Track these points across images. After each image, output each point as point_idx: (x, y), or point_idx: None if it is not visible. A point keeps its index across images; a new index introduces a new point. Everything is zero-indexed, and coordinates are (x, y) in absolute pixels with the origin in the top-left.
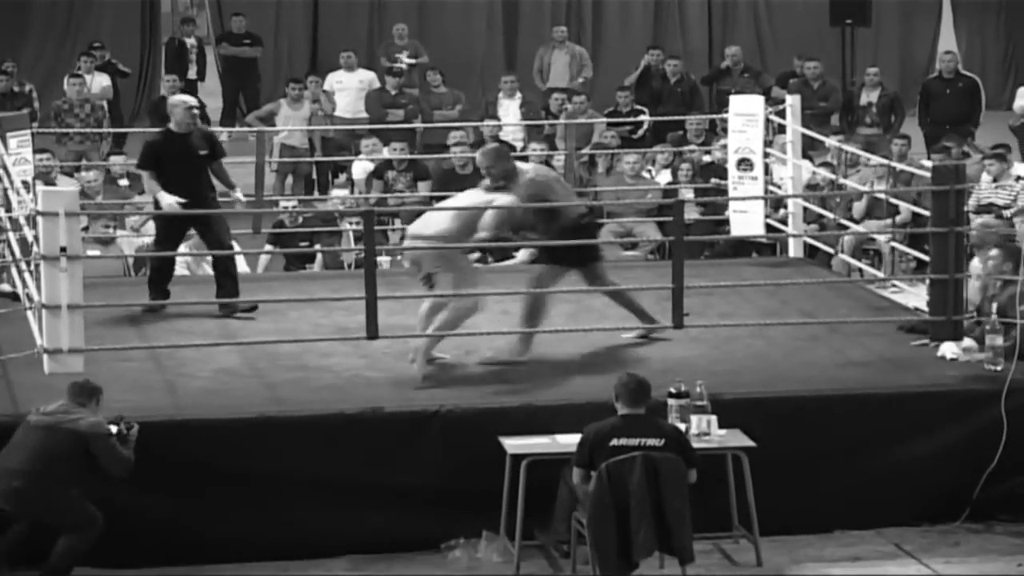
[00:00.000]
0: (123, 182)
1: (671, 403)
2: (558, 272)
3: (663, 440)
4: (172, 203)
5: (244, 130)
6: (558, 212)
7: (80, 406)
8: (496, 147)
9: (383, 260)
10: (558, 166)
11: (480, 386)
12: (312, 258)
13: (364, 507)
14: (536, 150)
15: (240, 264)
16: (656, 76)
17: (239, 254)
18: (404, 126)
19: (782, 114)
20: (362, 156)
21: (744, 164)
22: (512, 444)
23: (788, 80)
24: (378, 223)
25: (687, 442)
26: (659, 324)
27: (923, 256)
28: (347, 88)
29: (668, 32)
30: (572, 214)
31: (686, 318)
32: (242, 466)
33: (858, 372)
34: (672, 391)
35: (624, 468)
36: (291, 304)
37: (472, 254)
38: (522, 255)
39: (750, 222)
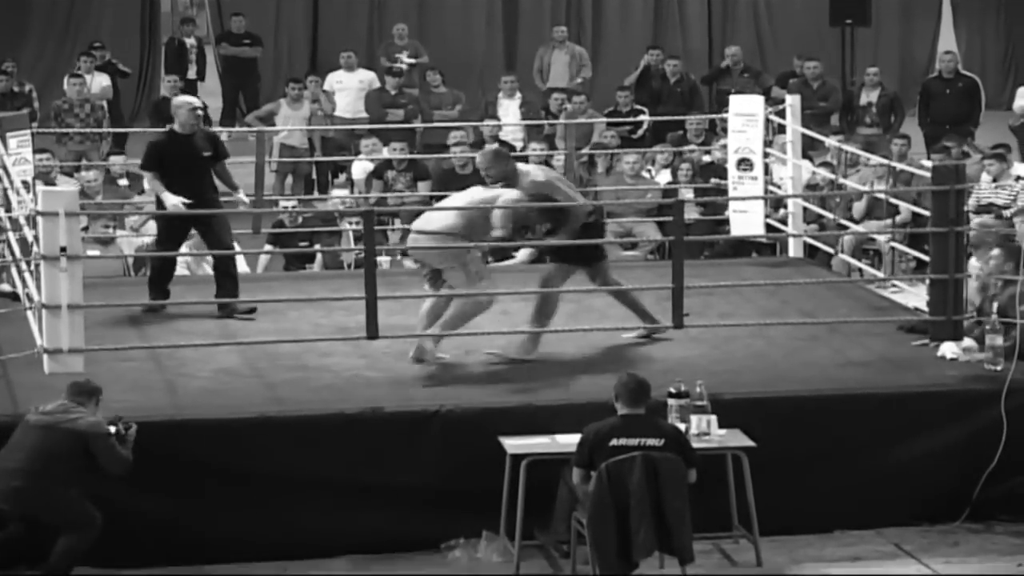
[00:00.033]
0: (123, 182)
1: (671, 403)
2: (566, 271)
3: (663, 440)
4: (177, 203)
5: (244, 130)
6: (567, 211)
7: (79, 405)
8: (495, 149)
9: (383, 260)
10: (558, 166)
11: (480, 386)
12: (312, 258)
13: (364, 507)
14: (536, 150)
15: (240, 264)
16: (656, 76)
17: (239, 254)
18: (404, 126)
19: (782, 114)
20: (362, 156)
21: (744, 164)
22: (512, 444)
23: (788, 80)
24: (378, 223)
25: (687, 442)
26: (661, 325)
27: (923, 256)
28: (347, 88)
29: (668, 32)
30: (580, 213)
31: (686, 318)
32: (242, 466)
33: (858, 372)
34: (672, 391)
35: (624, 468)
36: (291, 304)
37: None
38: (522, 255)
39: (750, 222)
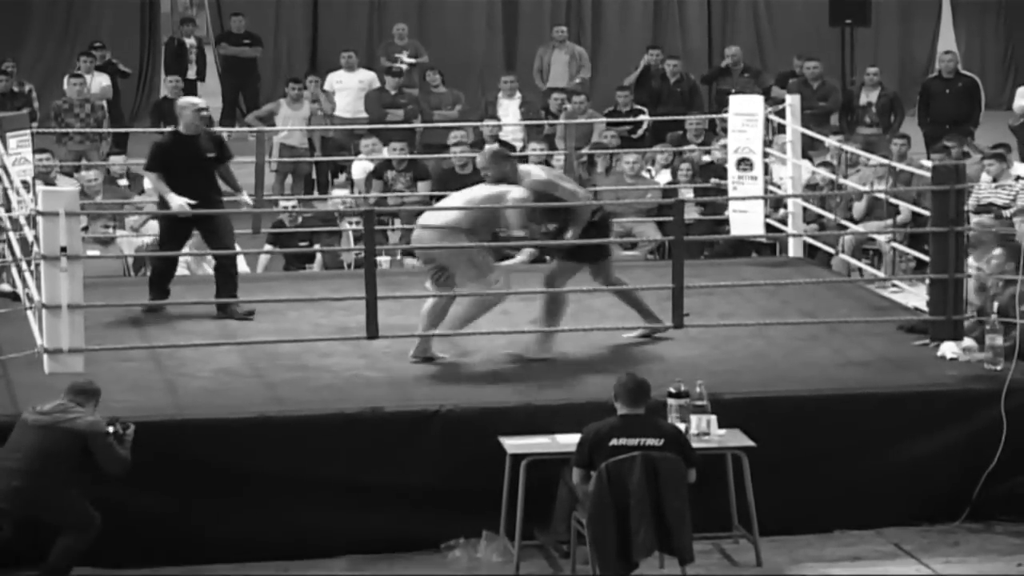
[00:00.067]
0: (123, 182)
1: (671, 403)
2: (571, 268)
3: (663, 440)
4: (182, 204)
5: (244, 130)
6: (573, 208)
7: (78, 406)
8: (494, 149)
9: (383, 260)
10: (558, 166)
11: (480, 386)
12: (312, 258)
13: (364, 507)
14: (536, 150)
15: (240, 264)
16: (656, 76)
17: (239, 254)
18: (404, 126)
19: (782, 114)
20: (362, 156)
21: (744, 164)
22: (512, 444)
23: (788, 80)
24: (378, 223)
25: (687, 442)
26: (663, 325)
27: (923, 256)
28: (347, 88)
29: (668, 32)
30: (585, 211)
31: (686, 318)
32: (242, 466)
33: (858, 372)
34: (672, 391)
35: (624, 468)
36: (291, 304)
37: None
38: (522, 254)
39: (750, 222)
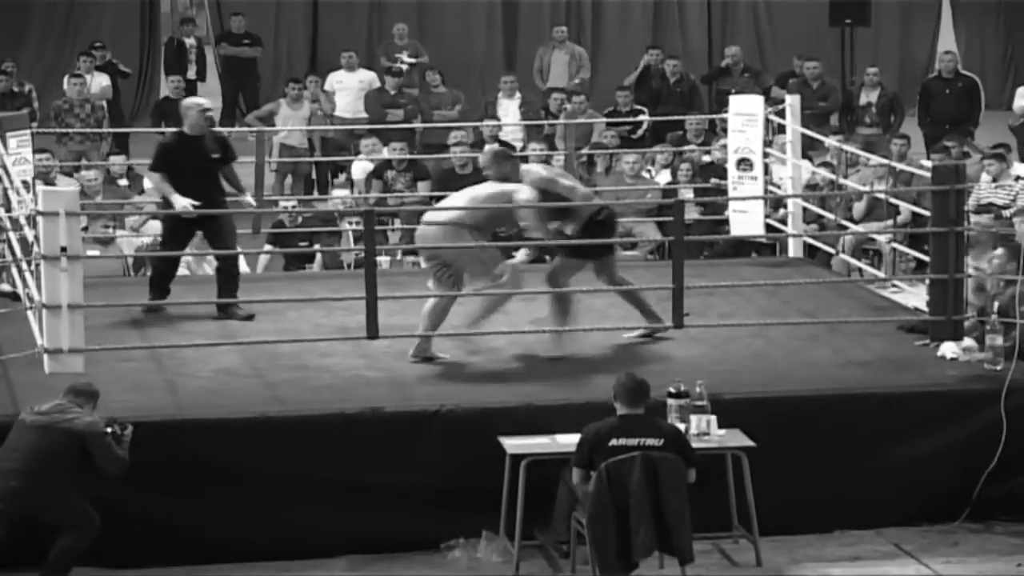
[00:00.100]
0: (123, 182)
1: (671, 403)
2: (574, 265)
3: (662, 440)
4: (186, 205)
5: (244, 130)
6: (574, 206)
7: (76, 406)
8: (496, 149)
9: (383, 260)
10: (557, 166)
11: (480, 386)
12: (312, 258)
13: (364, 507)
14: (536, 150)
15: (240, 264)
16: (656, 76)
17: (239, 254)
18: (404, 126)
19: (782, 114)
20: (362, 156)
21: (744, 164)
22: (512, 444)
23: (787, 80)
24: (378, 223)
25: (686, 442)
26: (664, 324)
27: (923, 256)
28: (347, 88)
29: (668, 32)
30: (588, 209)
31: (686, 318)
32: (242, 466)
33: (858, 372)
34: (672, 391)
35: (624, 468)
36: (291, 304)
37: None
38: (521, 255)
39: (750, 222)
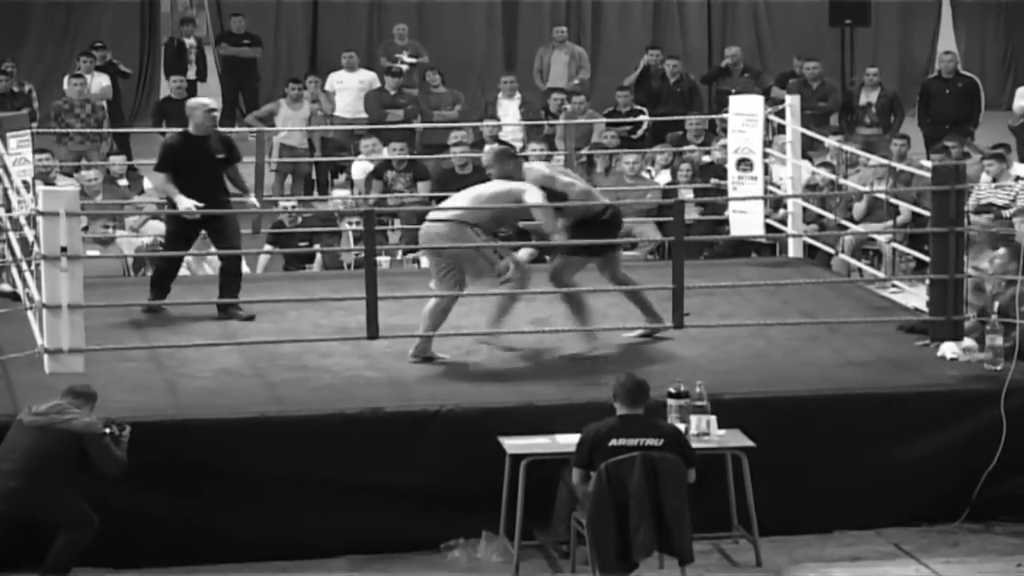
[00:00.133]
0: (123, 182)
1: (671, 403)
2: (577, 263)
3: (662, 440)
4: (190, 206)
5: (244, 130)
6: (566, 198)
7: (75, 407)
8: (498, 147)
9: (383, 260)
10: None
11: (480, 386)
12: (312, 258)
13: (364, 507)
14: (536, 150)
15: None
16: (655, 76)
17: (239, 254)
18: (404, 126)
19: (781, 114)
20: (361, 156)
21: (744, 164)
22: (511, 444)
23: (787, 80)
24: (378, 223)
25: (686, 442)
26: (665, 324)
27: (923, 256)
28: (348, 88)
29: (667, 32)
30: (593, 208)
31: (686, 318)
32: (242, 466)
33: (858, 372)
34: (672, 391)
35: (623, 468)
36: (291, 304)
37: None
38: (522, 254)
39: (750, 222)
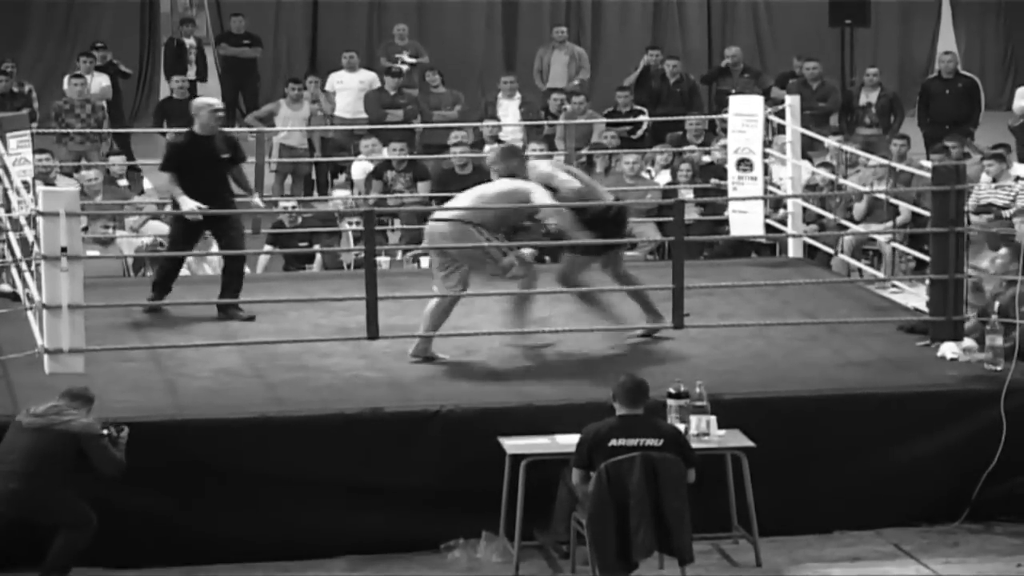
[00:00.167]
0: (123, 182)
1: (670, 403)
2: (584, 262)
3: (662, 440)
4: (193, 208)
5: (244, 130)
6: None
7: (72, 409)
8: (504, 145)
9: (383, 260)
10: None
11: (480, 386)
12: (311, 258)
13: (364, 507)
14: (535, 150)
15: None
16: (655, 76)
17: (239, 254)
18: (403, 126)
19: (781, 114)
20: (361, 156)
21: (743, 164)
22: (511, 444)
23: (787, 80)
24: (378, 223)
25: (686, 442)
26: (664, 324)
27: (923, 256)
28: (348, 88)
29: (667, 32)
30: (595, 206)
31: (686, 318)
32: (242, 466)
33: (858, 372)
34: (671, 391)
35: (623, 468)
36: (291, 304)
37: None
38: (526, 251)
39: (750, 222)
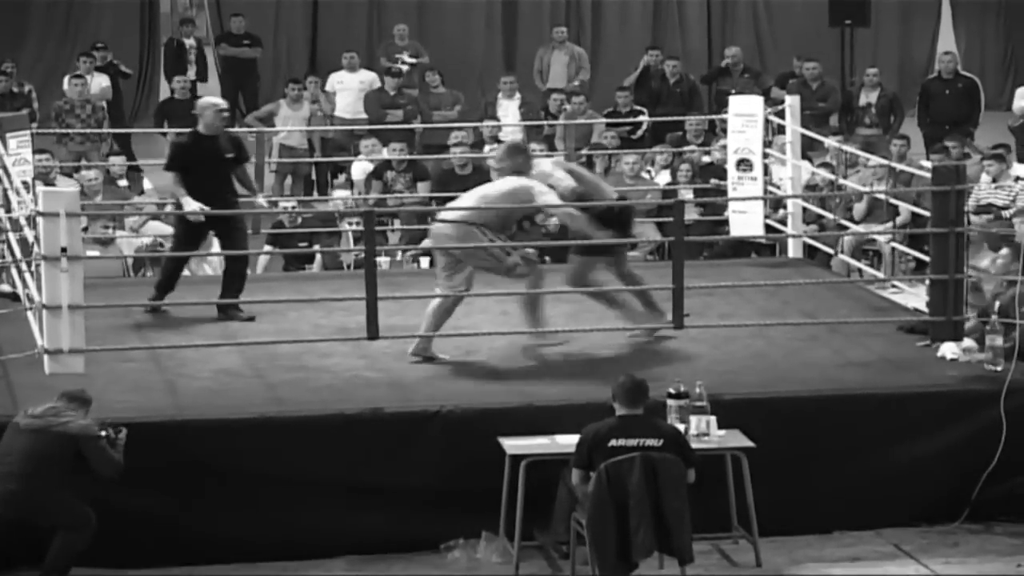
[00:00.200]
0: (123, 183)
1: (670, 403)
2: (592, 262)
3: (662, 440)
4: (195, 208)
5: (243, 131)
6: (588, 201)
7: (70, 410)
8: (509, 143)
9: (383, 261)
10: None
11: (480, 386)
12: (311, 258)
13: (364, 507)
14: (536, 151)
15: None
16: (655, 76)
17: (239, 254)
18: (403, 126)
19: (781, 115)
20: (361, 156)
21: (743, 164)
22: (511, 445)
23: (787, 80)
24: (378, 224)
25: (686, 442)
26: (664, 324)
27: (923, 256)
28: (348, 88)
29: (667, 32)
30: (599, 206)
31: (686, 318)
32: (242, 466)
33: (858, 372)
34: (671, 391)
35: (623, 468)
36: (291, 305)
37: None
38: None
39: (749, 223)
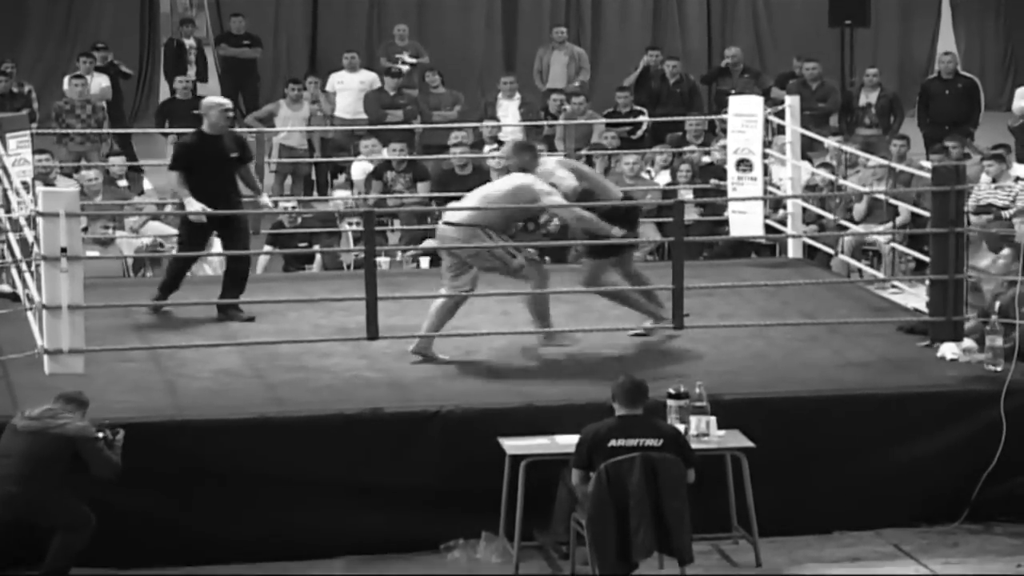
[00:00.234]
0: (122, 183)
1: (670, 404)
2: (603, 264)
3: (662, 440)
4: (198, 208)
5: (243, 131)
6: (592, 199)
7: (67, 412)
8: (516, 140)
9: (383, 261)
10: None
11: (480, 386)
12: (311, 259)
13: (364, 507)
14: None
15: None
16: (655, 77)
17: (239, 254)
18: (403, 127)
19: (781, 115)
20: (361, 157)
21: (743, 165)
22: (511, 445)
23: (787, 81)
24: (378, 224)
25: (686, 442)
26: (665, 324)
27: (923, 257)
28: (348, 88)
29: (667, 33)
30: (604, 205)
31: (686, 319)
32: (242, 466)
33: (858, 373)
34: (671, 392)
35: (623, 469)
36: (291, 305)
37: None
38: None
39: (749, 223)
